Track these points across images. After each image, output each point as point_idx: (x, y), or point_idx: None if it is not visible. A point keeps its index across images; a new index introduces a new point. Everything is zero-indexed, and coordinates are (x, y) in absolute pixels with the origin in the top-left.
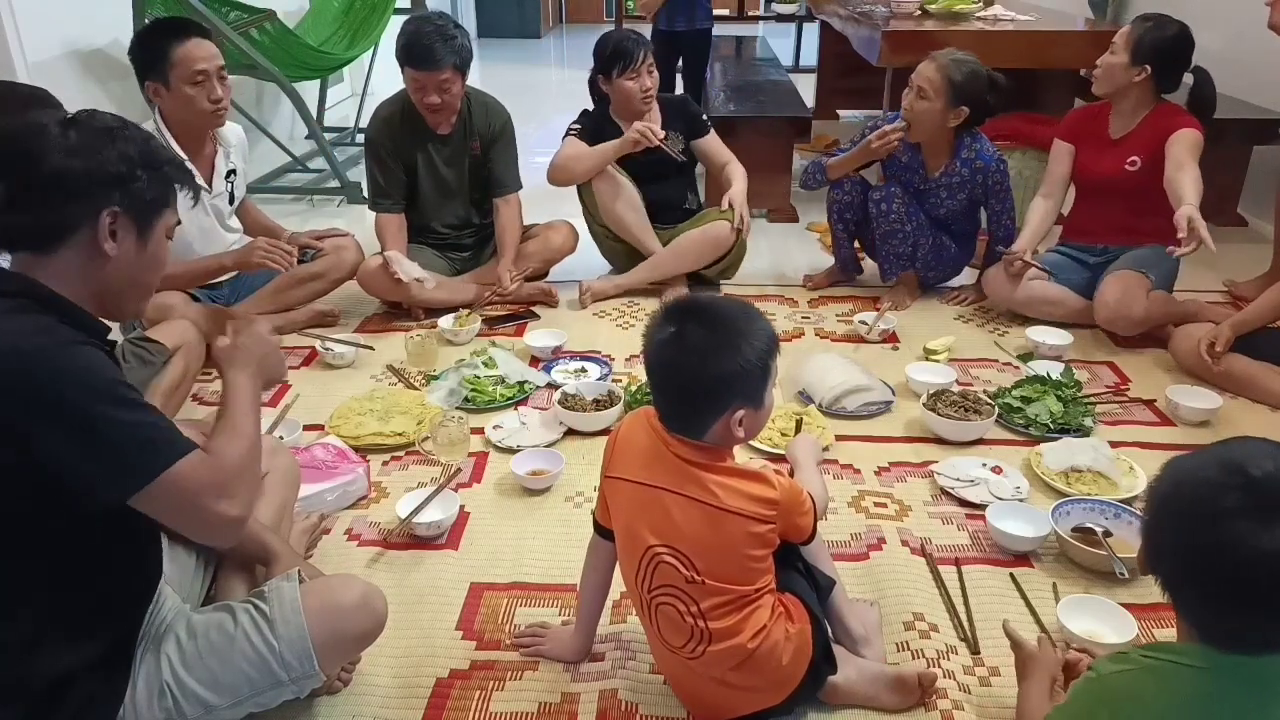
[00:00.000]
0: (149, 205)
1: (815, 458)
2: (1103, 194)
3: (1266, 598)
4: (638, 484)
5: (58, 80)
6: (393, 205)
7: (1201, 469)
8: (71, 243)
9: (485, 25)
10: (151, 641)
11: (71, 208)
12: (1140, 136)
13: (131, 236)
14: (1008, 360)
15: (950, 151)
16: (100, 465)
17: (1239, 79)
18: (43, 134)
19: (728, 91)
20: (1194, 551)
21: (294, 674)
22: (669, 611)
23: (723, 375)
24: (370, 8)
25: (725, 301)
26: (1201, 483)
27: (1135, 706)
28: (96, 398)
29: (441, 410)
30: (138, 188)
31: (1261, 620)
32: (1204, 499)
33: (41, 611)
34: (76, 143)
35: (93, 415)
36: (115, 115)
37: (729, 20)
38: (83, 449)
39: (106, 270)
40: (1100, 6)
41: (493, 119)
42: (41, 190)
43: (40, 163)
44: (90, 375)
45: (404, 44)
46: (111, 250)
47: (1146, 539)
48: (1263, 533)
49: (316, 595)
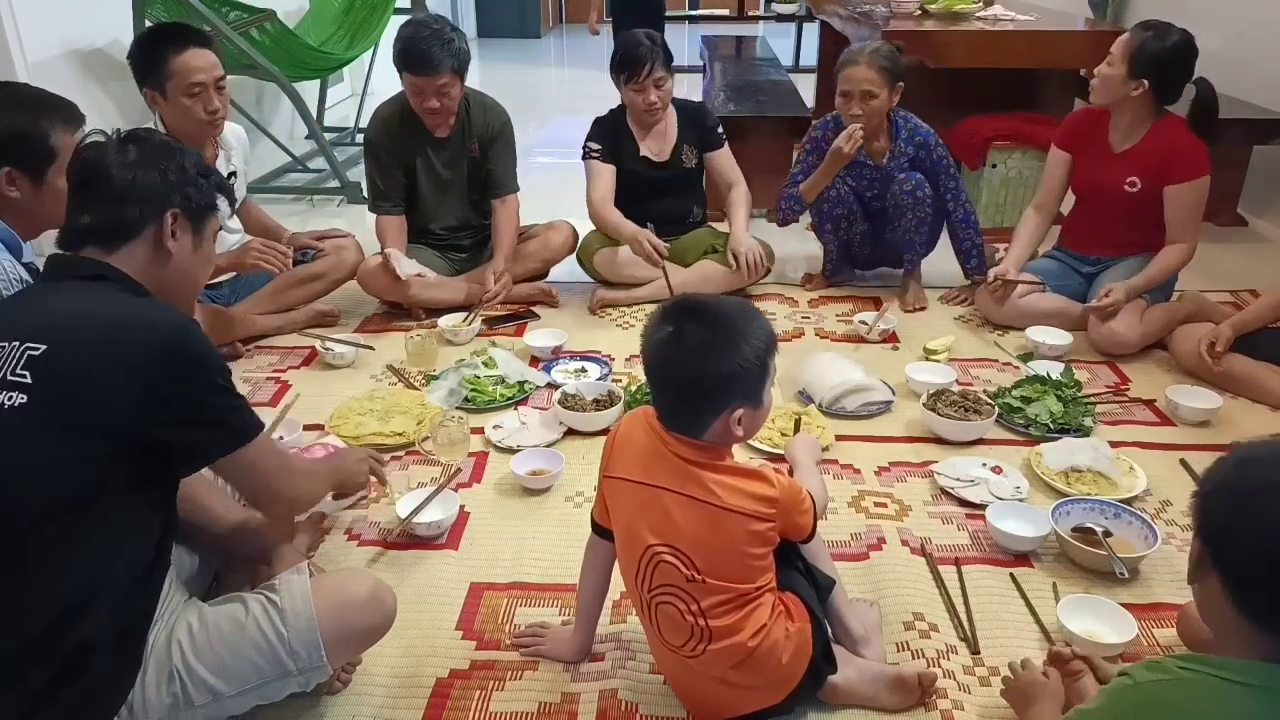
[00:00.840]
0: (203, 209)
1: (815, 457)
2: (1100, 206)
3: None
4: (637, 484)
5: (58, 80)
6: (392, 207)
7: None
8: (138, 240)
9: (485, 25)
10: (164, 627)
11: (139, 209)
12: (1141, 155)
13: (189, 235)
14: (1008, 360)
15: (890, 135)
16: (210, 430)
17: (1239, 79)
18: (104, 151)
19: (728, 91)
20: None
21: (302, 665)
22: (669, 611)
23: (722, 374)
24: (370, 8)
25: (723, 301)
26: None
27: (1171, 719)
28: (215, 372)
29: (441, 410)
30: (194, 192)
31: None
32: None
33: (91, 577)
34: (138, 156)
35: (213, 387)
36: (166, 135)
37: (729, 20)
38: (202, 415)
39: (168, 266)
40: (1100, 6)
41: (491, 120)
42: (114, 193)
43: (109, 172)
44: (212, 352)
45: (401, 49)
46: (173, 247)
47: (1208, 538)
48: None
49: (327, 589)
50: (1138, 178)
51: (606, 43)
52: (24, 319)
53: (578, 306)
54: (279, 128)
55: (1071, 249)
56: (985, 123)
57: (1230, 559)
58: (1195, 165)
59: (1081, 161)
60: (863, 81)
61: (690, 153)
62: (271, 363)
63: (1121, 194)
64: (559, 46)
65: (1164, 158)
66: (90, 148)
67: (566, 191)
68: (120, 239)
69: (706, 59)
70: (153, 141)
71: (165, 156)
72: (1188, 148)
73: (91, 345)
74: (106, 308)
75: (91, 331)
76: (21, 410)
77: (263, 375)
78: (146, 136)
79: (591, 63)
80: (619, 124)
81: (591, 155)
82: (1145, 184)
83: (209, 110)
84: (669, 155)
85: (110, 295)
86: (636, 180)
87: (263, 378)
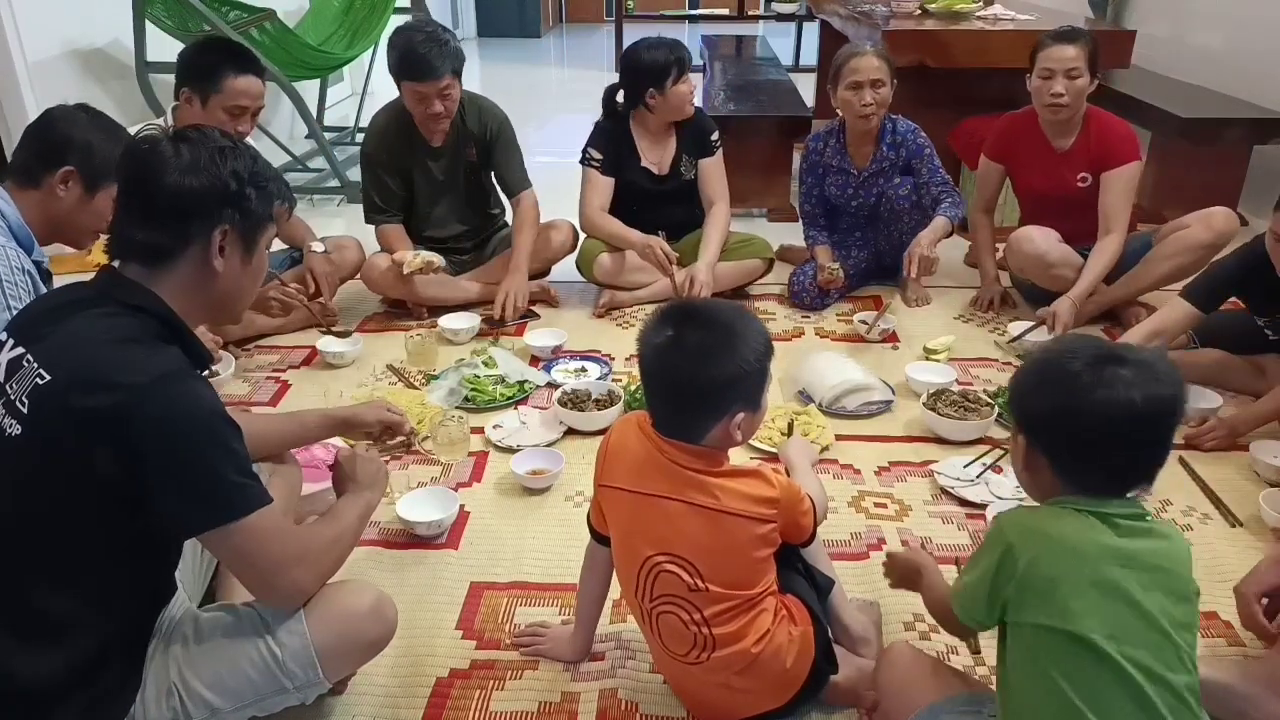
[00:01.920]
0: (256, 222)
1: (810, 459)
2: (1056, 206)
3: (1112, 440)
4: (633, 493)
5: (58, 80)
6: (389, 218)
7: (1051, 354)
8: (185, 258)
9: (485, 25)
10: (162, 639)
11: (187, 226)
12: (1083, 149)
13: (239, 252)
14: (1008, 360)
15: (875, 139)
16: (187, 500)
17: (1239, 79)
18: (157, 151)
19: (727, 91)
20: (1063, 415)
21: (298, 682)
22: (671, 621)
23: (722, 379)
24: (370, 7)
25: (720, 304)
26: (1054, 362)
27: (1036, 534)
28: (205, 436)
29: (442, 410)
30: (247, 205)
31: (1119, 461)
32: (1062, 372)
33: (107, 587)
34: (190, 161)
35: (196, 452)
36: (223, 132)
37: (729, 20)
38: (178, 481)
39: (215, 283)
40: (1100, 6)
41: (487, 120)
42: (161, 208)
43: (158, 180)
44: (207, 412)
45: (399, 57)
46: (220, 266)
47: (1023, 423)
48: (1099, 388)
49: (328, 602)
50: (1087, 172)
51: (607, 42)
52: (52, 337)
53: (578, 306)
54: (279, 127)
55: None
56: (985, 123)
57: (1047, 440)
58: (1130, 150)
59: (1022, 168)
60: (873, 70)
61: (689, 164)
62: (271, 362)
63: (1075, 190)
64: (559, 46)
65: (1102, 146)
66: (144, 143)
67: (567, 191)
68: (166, 258)
69: (706, 58)
70: (208, 144)
71: (220, 163)
72: (1120, 134)
73: (84, 394)
74: (116, 354)
75: (91, 380)
76: (14, 440)
77: (263, 375)
78: (199, 138)
79: (591, 63)
80: (622, 133)
81: (591, 164)
82: (1094, 175)
83: (238, 132)
84: (669, 168)
85: (133, 334)
86: (639, 191)
87: (263, 377)
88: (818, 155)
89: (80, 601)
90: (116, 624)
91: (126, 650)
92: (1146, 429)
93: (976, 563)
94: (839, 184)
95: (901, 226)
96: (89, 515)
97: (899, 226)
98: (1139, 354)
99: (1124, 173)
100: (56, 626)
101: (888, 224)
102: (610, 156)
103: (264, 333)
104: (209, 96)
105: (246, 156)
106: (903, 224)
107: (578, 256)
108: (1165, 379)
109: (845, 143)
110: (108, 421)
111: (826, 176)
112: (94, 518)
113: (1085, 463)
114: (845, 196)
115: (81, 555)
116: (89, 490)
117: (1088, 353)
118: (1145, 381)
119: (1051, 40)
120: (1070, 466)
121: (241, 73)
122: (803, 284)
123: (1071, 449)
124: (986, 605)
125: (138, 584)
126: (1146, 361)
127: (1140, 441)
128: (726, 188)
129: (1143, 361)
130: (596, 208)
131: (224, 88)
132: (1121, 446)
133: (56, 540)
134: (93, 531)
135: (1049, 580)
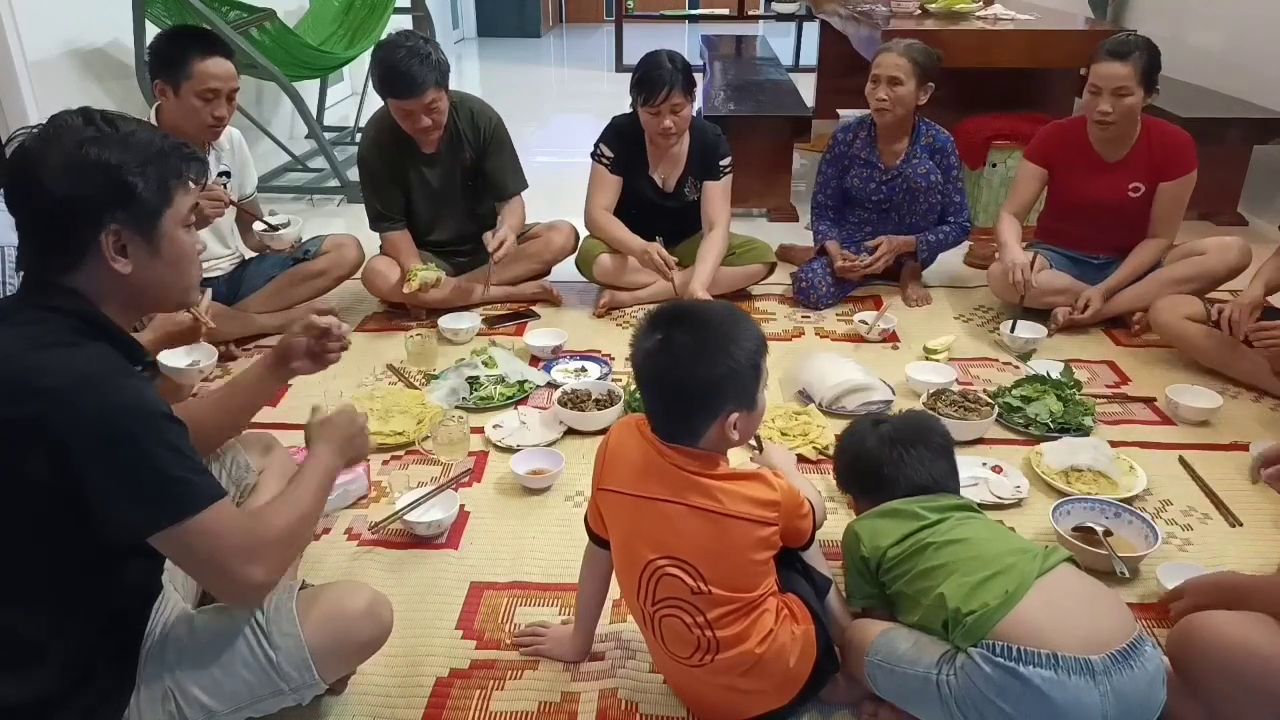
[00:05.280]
0: (150, 211)
1: (792, 463)
2: (1102, 215)
3: (872, 477)
4: (634, 496)
5: (58, 80)
6: (394, 225)
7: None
8: (89, 260)
9: (485, 25)
10: (155, 644)
11: (73, 235)
12: (1140, 159)
13: (142, 246)
14: (1008, 360)
15: (910, 138)
16: (130, 501)
17: (1239, 79)
18: (27, 158)
19: (728, 91)
20: (857, 466)
21: (294, 684)
22: (674, 624)
23: (713, 379)
24: (370, 7)
25: (711, 305)
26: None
27: (875, 529)
28: (142, 433)
29: (441, 410)
30: (129, 198)
31: (881, 487)
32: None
33: (67, 602)
34: (58, 163)
35: (134, 451)
36: (86, 114)
37: (729, 19)
38: (119, 482)
39: (129, 282)
40: (1100, 6)
41: (481, 123)
42: (43, 224)
43: (34, 191)
44: (140, 409)
45: (381, 75)
46: (124, 268)
47: (841, 478)
48: (879, 449)
49: (322, 602)
50: (1140, 183)
51: (607, 43)
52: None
53: (578, 306)
54: (279, 127)
55: (1070, 249)
56: (985, 122)
57: (849, 490)
58: (1188, 161)
59: (1066, 176)
60: (891, 67)
61: (694, 186)
62: None
63: (1125, 200)
64: (559, 46)
65: (1161, 156)
66: (22, 143)
67: (567, 191)
68: (72, 263)
69: (706, 58)
70: (67, 139)
71: (84, 156)
72: (1180, 145)
73: (4, 405)
74: (35, 359)
75: (11, 389)
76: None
77: None
78: (56, 134)
79: (591, 62)
80: (635, 135)
81: (602, 160)
82: (1148, 187)
83: (215, 116)
84: (673, 187)
85: (54, 337)
86: (642, 200)
87: None
88: (845, 146)
89: (50, 616)
90: (100, 631)
91: (116, 654)
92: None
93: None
94: (863, 176)
95: (917, 205)
96: (33, 528)
97: (915, 206)
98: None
99: (1183, 183)
100: (34, 645)
101: (900, 213)
102: (621, 156)
103: (265, 332)
104: (180, 84)
105: (114, 143)
106: (919, 203)
107: (578, 256)
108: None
109: (875, 136)
110: (33, 429)
111: (851, 168)
112: (41, 530)
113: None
114: (867, 190)
115: (38, 571)
116: (26, 503)
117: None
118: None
119: (1104, 55)
120: (877, 498)
121: (208, 54)
122: (811, 281)
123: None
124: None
125: (117, 589)
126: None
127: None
128: (729, 213)
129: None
130: (601, 207)
131: (193, 72)
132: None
133: (6, 560)
134: (42, 545)
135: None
